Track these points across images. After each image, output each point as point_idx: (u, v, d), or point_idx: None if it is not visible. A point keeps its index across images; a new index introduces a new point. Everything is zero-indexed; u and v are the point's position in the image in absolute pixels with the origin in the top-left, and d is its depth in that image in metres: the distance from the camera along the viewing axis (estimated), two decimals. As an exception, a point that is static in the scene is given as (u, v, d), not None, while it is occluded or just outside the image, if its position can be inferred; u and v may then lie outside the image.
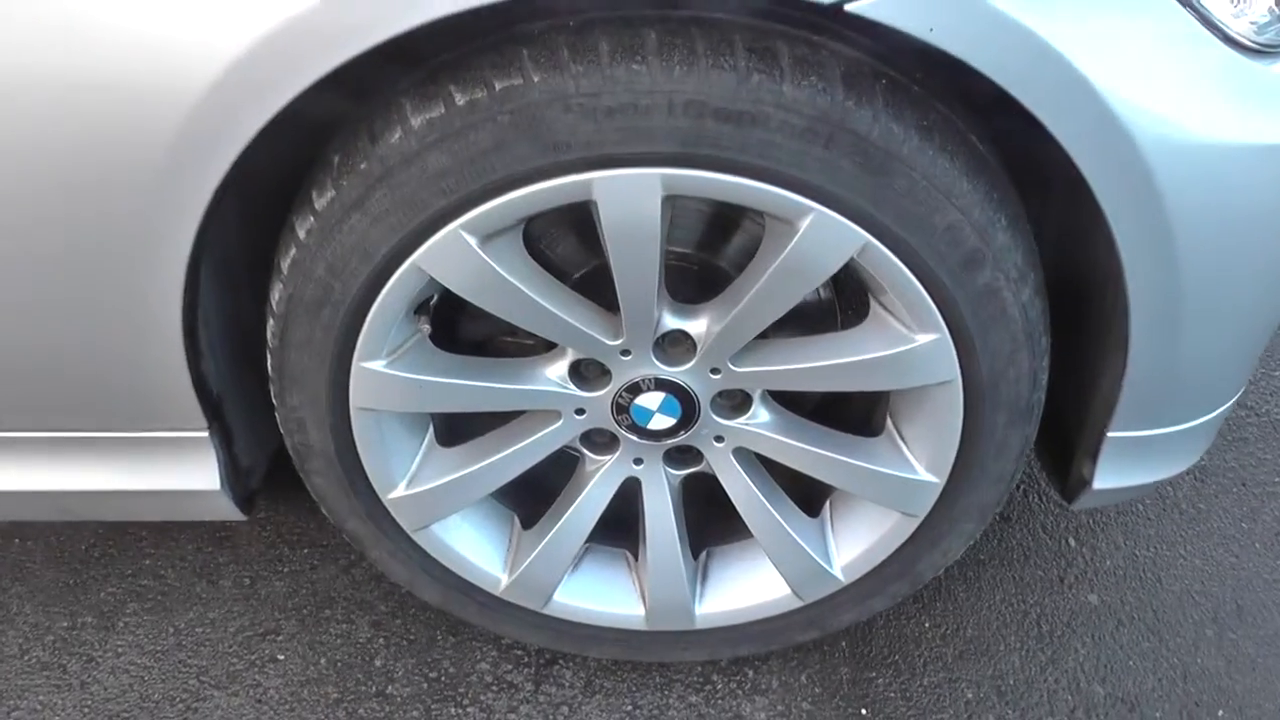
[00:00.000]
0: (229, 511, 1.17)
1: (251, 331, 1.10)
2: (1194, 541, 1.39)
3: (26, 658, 1.33)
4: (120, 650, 1.33)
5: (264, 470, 1.22)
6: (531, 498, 1.21)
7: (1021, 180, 1.01)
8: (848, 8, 0.82)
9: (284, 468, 1.19)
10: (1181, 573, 1.35)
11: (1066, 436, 1.19)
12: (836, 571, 1.17)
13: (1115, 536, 1.39)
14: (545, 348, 1.08)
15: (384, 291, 0.96)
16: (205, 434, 1.11)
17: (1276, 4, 0.93)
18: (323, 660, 1.29)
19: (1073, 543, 1.39)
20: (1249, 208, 0.96)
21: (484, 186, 0.90)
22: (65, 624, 1.36)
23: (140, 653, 1.32)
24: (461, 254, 0.93)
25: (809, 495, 1.19)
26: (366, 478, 1.10)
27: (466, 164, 0.89)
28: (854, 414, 1.19)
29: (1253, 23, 0.92)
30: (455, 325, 1.13)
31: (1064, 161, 0.91)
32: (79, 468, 1.14)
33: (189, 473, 1.13)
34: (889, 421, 1.12)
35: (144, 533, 1.46)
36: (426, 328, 1.03)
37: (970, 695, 1.23)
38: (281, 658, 1.30)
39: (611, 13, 0.87)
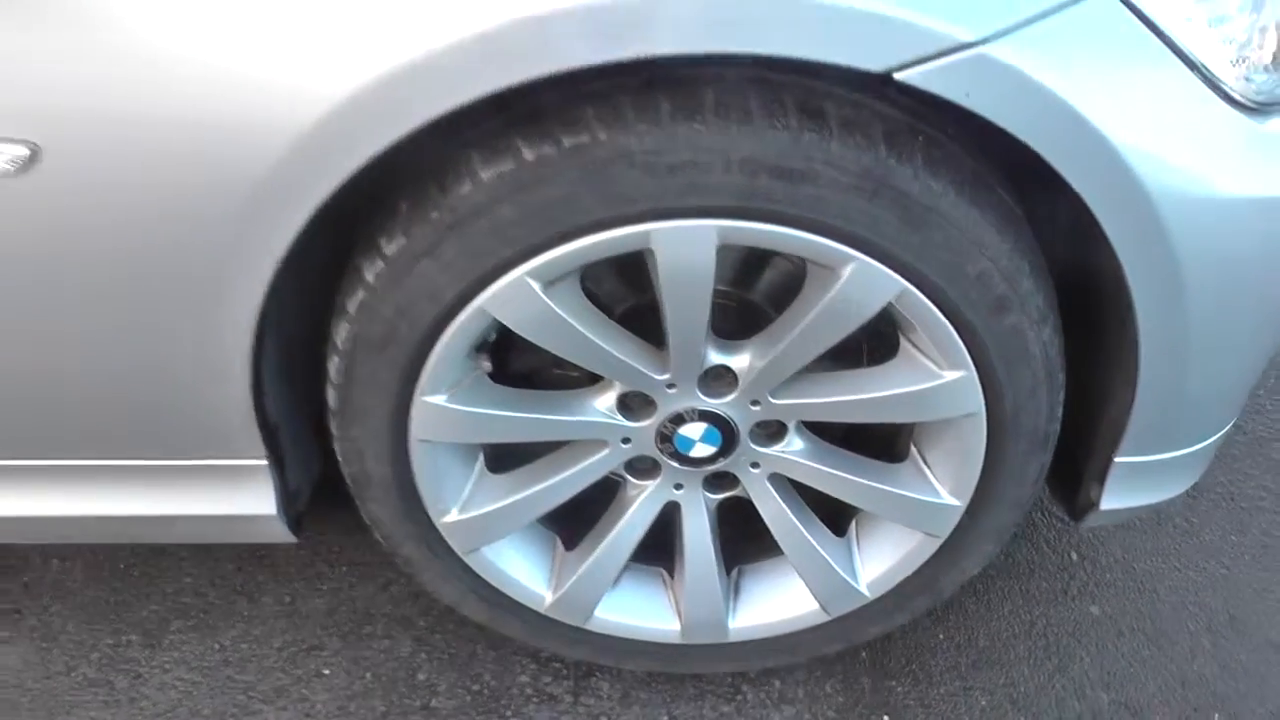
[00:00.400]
0: (282, 535, 1.22)
1: (303, 362, 1.15)
2: (1188, 554, 1.48)
3: (74, 675, 1.37)
4: (167, 666, 1.37)
5: (309, 494, 1.27)
6: (570, 519, 1.27)
7: (1042, 234, 1.09)
8: (896, 76, 0.89)
9: (320, 490, 1.24)
10: (1177, 584, 1.44)
11: (1073, 460, 1.26)
12: (862, 588, 1.24)
13: (1114, 550, 1.48)
14: (591, 380, 1.14)
15: (449, 332, 1.02)
16: (263, 462, 1.16)
17: (1271, 65, 1.01)
18: (367, 675, 1.34)
19: (1074, 556, 1.47)
20: (1247, 252, 1.04)
21: (549, 236, 0.96)
22: (110, 641, 1.40)
23: (187, 669, 1.36)
24: (526, 298, 0.99)
25: (835, 516, 1.26)
26: (422, 504, 1.15)
27: (534, 215, 0.95)
28: (878, 440, 1.26)
29: (1248, 80, 1.00)
30: (505, 359, 1.18)
31: (1082, 209, 0.99)
32: (140, 494, 1.18)
33: (247, 499, 1.18)
34: (913, 448, 1.19)
35: (183, 553, 1.50)
36: (487, 365, 1.08)
37: (984, 702, 1.31)
38: (327, 672, 1.35)
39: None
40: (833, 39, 0.86)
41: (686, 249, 0.97)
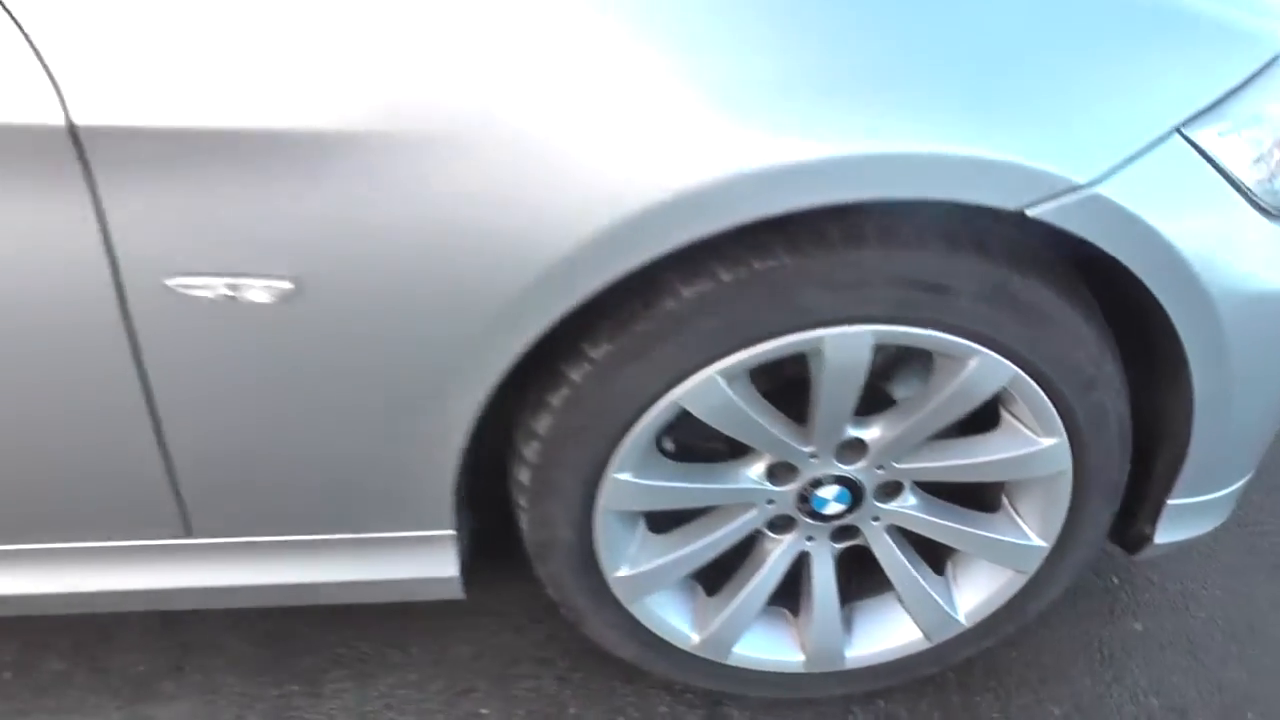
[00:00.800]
0: (457, 591, 1.39)
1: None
2: (1209, 575, 1.72)
3: (245, 723, 1.51)
4: (333, 713, 1.51)
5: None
6: (705, 567, 1.46)
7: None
8: (1028, 213, 1.10)
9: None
10: (1204, 601, 1.69)
11: (1127, 502, 1.49)
12: (961, 618, 1.45)
13: (1148, 574, 1.72)
14: (737, 451, 1.33)
15: (643, 421, 1.19)
16: (451, 531, 1.32)
17: (1289, 177, 1.25)
18: (521, 711, 1.51)
19: (1115, 580, 1.71)
20: (1277, 332, 1.28)
21: (738, 341, 1.15)
22: (274, 692, 1.54)
23: (352, 715, 1.51)
24: (714, 392, 1.17)
25: (932, 556, 1.47)
26: (598, 564, 1.33)
27: (727, 326, 1.13)
28: (967, 490, 1.47)
29: (1276, 194, 1.24)
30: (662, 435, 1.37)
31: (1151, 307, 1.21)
32: (345, 563, 1.33)
33: (435, 563, 1.34)
34: (1004, 500, 1.41)
35: (325, 610, 1.64)
36: (670, 446, 1.27)
37: (1057, 712, 1.53)
38: (485, 712, 1.51)
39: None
40: (980, 185, 1.07)
41: (849, 349, 1.17)
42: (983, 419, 1.33)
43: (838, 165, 1.03)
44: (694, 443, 1.39)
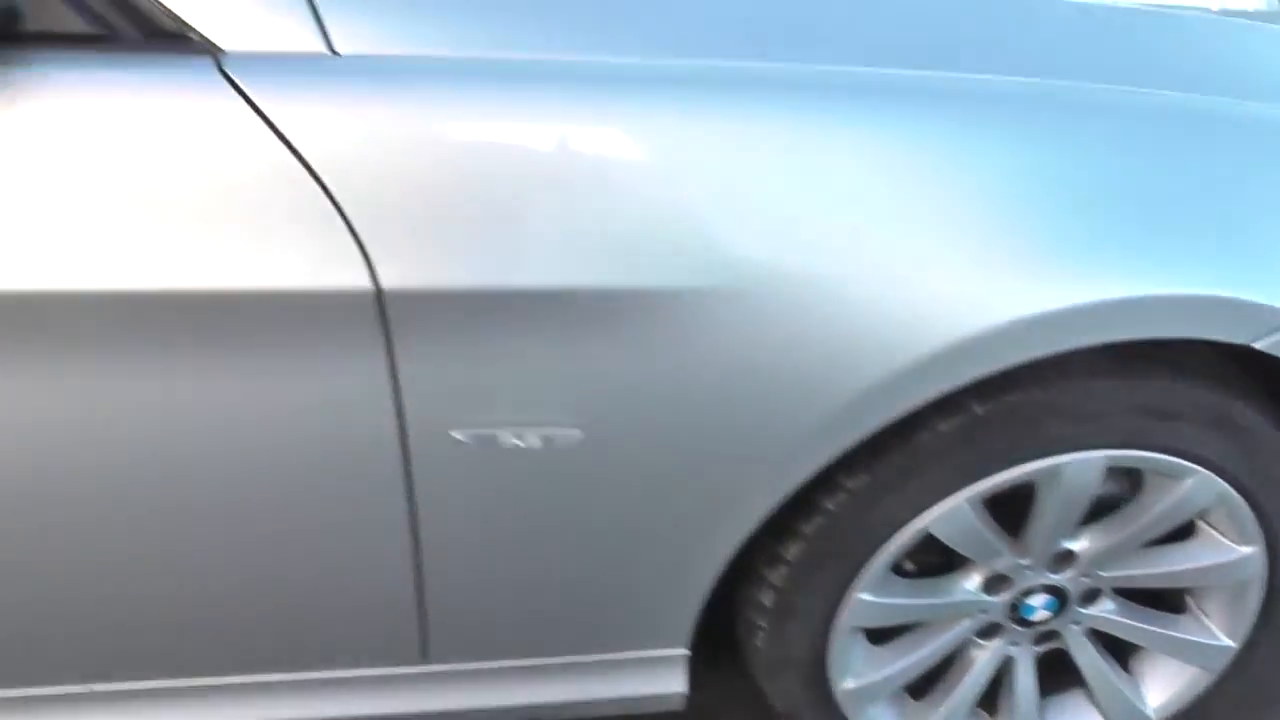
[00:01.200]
0: (679, 705, 1.43)
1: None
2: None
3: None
4: (541, 829, 1.54)
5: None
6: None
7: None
8: (1255, 345, 1.20)
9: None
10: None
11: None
12: (1150, 713, 1.53)
13: None
14: (949, 565, 1.40)
15: (890, 545, 1.27)
16: (686, 651, 1.37)
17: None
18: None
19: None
20: None
21: (987, 469, 1.23)
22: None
23: (562, 831, 1.54)
24: (960, 517, 1.25)
25: (1117, 654, 1.55)
26: (827, 678, 1.39)
27: (978, 456, 1.22)
28: (1152, 591, 1.55)
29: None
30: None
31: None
32: (579, 684, 1.38)
33: (666, 680, 1.39)
34: (1190, 601, 1.49)
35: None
36: (912, 567, 1.34)
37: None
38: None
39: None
40: (1222, 322, 1.17)
41: (1083, 474, 1.25)
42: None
43: (1110, 309, 1.12)
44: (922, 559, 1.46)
